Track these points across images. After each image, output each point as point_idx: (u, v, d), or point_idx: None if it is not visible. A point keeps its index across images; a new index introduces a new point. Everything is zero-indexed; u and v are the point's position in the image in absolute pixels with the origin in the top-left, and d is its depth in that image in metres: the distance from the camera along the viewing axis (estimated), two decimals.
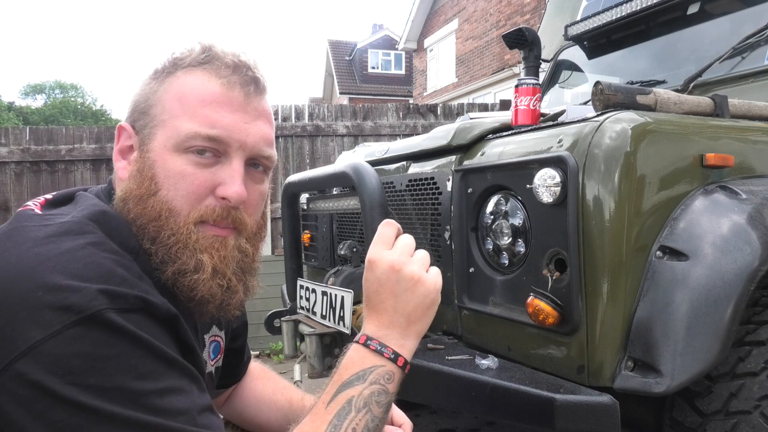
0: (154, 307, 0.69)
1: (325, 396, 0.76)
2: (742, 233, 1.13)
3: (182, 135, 0.78)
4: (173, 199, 0.78)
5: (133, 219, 0.79)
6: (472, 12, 14.19)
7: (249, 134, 0.81)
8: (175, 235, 0.78)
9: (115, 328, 0.64)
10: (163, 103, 0.81)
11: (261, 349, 4.20)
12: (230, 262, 0.82)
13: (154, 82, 0.83)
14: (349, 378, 0.76)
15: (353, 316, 1.53)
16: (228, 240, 0.82)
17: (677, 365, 1.05)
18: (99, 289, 0.64)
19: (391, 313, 0.82)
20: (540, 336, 1.22)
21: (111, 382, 0.62)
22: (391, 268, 0.82)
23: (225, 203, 0.80)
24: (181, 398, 0.67)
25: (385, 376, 0.78)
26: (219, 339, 1.01)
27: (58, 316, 0.62)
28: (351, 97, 24.08)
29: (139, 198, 0.78)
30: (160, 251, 0.78)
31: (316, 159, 5.03)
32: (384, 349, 0.79)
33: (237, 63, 0.82)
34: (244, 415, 1.17)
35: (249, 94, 0.82)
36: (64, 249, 0.67)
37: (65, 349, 0.61)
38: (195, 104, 0.79)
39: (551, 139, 1.25)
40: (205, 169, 0.79)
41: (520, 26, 1.73)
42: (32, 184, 4.63)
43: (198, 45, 0.84)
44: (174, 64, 0.83)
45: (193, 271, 0.78)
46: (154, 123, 0.81)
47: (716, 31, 2.06)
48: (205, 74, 0.81)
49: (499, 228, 1.34)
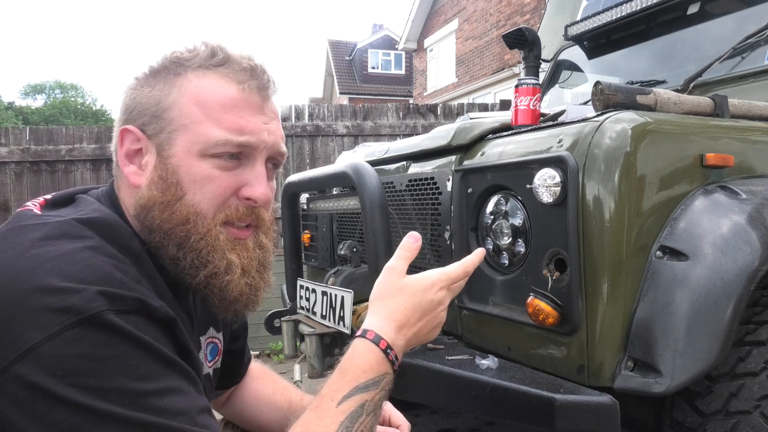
0: (152, 309, 0.69)
1: (334, 393, 0.76)
2: (742, 233, 1.13)
3: (212, 141, 0.79)
4: (200, 203, 0.79)
5: (159, 225, 0.79)
6: (472, 12, 14.19)
7: (270, 135, 0.84)
8: (204, 239, 0.79)
9: (115, 330, 0.64)
10: (180, 106, 0.80)
11: (261, 349, 4.20)
12: (253, 261, 0.85)
13: (161, 83, 0.82)
14: (366, 382, 0.77)
15: (353, 316, 1.52)
16: (248, 242, 0.85)
17: (677, 365, 1.05)
18: (98, 291, 0.64)
19: (413, 327, 0.85)
20: (540, 336, 1.22)
21: (111, 383, 0.62)
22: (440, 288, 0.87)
23: (249, 203, 0.83)
24: (181, 399, 0.67)
25: (390, 382, 0.81)
26: (216, 341, 1.02)
27: (57, 317, 0.62)
28: (351, 97, 24.07)
29: (165, 205, 0.79)
30: (189, 255, 0.79)
31: (316, 159, 5.03)
32: (396, 362, 0.82)
33: (253, 66, 0.84)
34: (244, 416, 1.17)
35: (266, 98, 0.84)
36: (62, 251, 0.67)
37: (65, 351, 0.61)
38: (217, 109, 0.79)
39: (551, 139, 1.25)
40: (229, 171, 0.81)
41: (520, 26, 1.73)
42: (32, 184, 4.64)
43: (202, 45, 0.83)
44: (179, 65, 0.82)
45: (225, 273, 0.80)
46: (173, 127, 0.80)
47: (716, 31, 2.06)
48: (222, 78, 0.81)
49: (499, 228, 1.34)
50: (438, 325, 0.89)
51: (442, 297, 0.87)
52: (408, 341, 0.85)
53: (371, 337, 0.81)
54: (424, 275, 0.88)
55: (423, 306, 0.85)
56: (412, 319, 0.85)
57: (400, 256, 0.89)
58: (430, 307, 0.86)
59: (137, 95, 0.83)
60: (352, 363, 0.79)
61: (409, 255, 0.89)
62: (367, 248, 1.37)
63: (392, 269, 0.87)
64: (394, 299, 0.85)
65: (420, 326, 0.86)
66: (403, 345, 0.84)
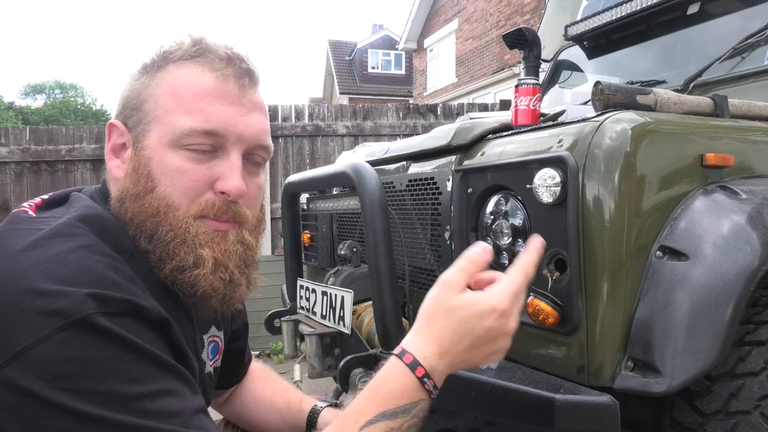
0: (144, 310, 0.68)
1: (359, 415, 0.70)
2: (742, 233, 1.13)
3: (178, 131, 0.76)
4: (171, 195, 0.77)
5: (131, 218, 0.77)
6: (472, 12, 14.19)
7: (246, 126, 0.80)
8: (173, 231, 0.76)
9: (104, 333, 0.63)
10: (156, 98, 0.79)
11: (261, 349, 4.20)
12: (232, 255, 0.81)
13: (145, 76, 0.81)
14: (395, 409, 0.70)
15: (353, 316, 1.53)
16: (228, 234, 0.81)
17: (677, 365, 1.05)
18: (88, 293, 0.63)
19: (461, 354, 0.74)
20: (540, 336, 1.22)
21: (101, 387, 0.61)
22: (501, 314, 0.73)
23: (224, 197, 0.79)
24: (174, 401, 0.66)
25: (425, 409, 0.73)
26: (218, 339, 1.01)
27: (47, 320, 0.61)
28: (351, 97, 24.07)
29: (135, 196, 0.77)
30: (157, 248, 0.76)
31: (316, 159, 5.03)
32: (435, 390, 0.73)
33: (230, 55, 0.81)
34: (243, 416, 1.17)
35: (243, 87, 0.81)
36: (54, 253, 0.66)
37: (54, 354, 0.60)
38: (189, 98, 0.78)
39: (551, 139, 1.25)
40: (202, 164, 0.78)
41: (520, 26, 1.73)
42: (32, 184, 4.64)
43: (188, 38, 0.82)
44: (164, 58, 0.81)
45: (193, 267, 0.77)
46: (148, 119, 0.79)
47: (716, 31, 2.06)
48: (198, 67, 0.79)
49: (499, 228, 1.34)
50: (497, 352, 0.76)
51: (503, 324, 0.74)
52: (454, 366, 0.74)
53: (408, 361, 0.72)
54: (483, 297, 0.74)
55: (476, 333, 0.73)
56: (460, 346, 0.73)
57: (461, 268, 0.76)
58: (487, 335, 0.73)
59: (125, 91, 0.83)
60: (383, 385, 0.72)
61: (472, 268, 0.76)
62: (367, 248, 1.36)
63: (447, 283, 0.75)
64: (442, 321, 0.73)
65: (472, 354, 0.74)
66: (446, 370, 0.74)
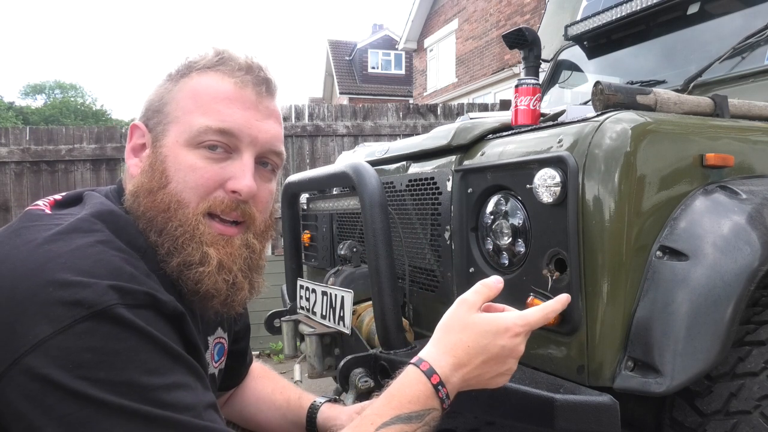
0: (162, 303, 0.70)
1: (375, 417, 0.74)
2: (742, 233, 1.13)
3: (194, 129, 0.80)
4: (182, 191, 0.80)
5: (143, 212, 0.80)
6: (472, 12, 14.19)
7: (261, 131, 0.84)
8: (182, 226, 0.79)
9: (125, 324, 0.64)
10: (177, 101, 0.83)
11: (261, 349, 4.21)
12: (237, 259, 0.83)
13: (169, 83, 0.86)
14: (409, 413, 0.74)
15: (353, 316, 1.53)
16: (234, 239, 0.83)
17: (677, 365, 1.05)
18: (109, 285, 0.65)
19: (474, 369, 0.79)
20: (540, 336, 1.22)
21: (120, 377, 0.63)
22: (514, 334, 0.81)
23: (235, 197, 0.82)
24: (188, 394, 0.68)
25: (436, 418, 0.77)
26: (223, 341, 1.02)
27: (69, 310, 0.62)
28: (351, 97, 24.07)
29: (149, 191, 0.80)
30: (166, 242, 0.79)
31: (316, 159, 5.03)
32: (447, 400, 0.78)
33: (250, 64, 0.85)
34: (244, 414, 1.17)
35: (261, 94, 0.85)
36: (74, 246, 0.68)
37: (75, 344, 0.62)
38: (208, 101, 0.81)
39: (551, 139, 1.25)
40: (215, 163, 0.81)
41: (520, 26, 1.73)
42: (32, 184, 4.63)
43: (212, 49, 0.86)
44: (188, 67, 0.85)
45: (198, 264, 0.79)
46: (168, 120, 0.82)
47: (716, 31, 2.06)
48: (219, 74, 0.83)
49: (499, 228, 1.34)
50: (506, 373, 0.82)
51: (516, 345, 0.81)
52: (466, 381, 0.80)
53: (424, 369, 0.78)
54: (499, 317, 0.82)
55: (490, 349, 0.79)
56: (475, 360, 0.79)
57: (477, 291, 0.84)
58: (500, 353, 0.80)
59: (150, 95, 0.87)
60: (399, 390, 0.76)
61: (487, 293, 0.84)
62: (367, 248, 1.36)
63: (464, 302, 0.83)
64: (458, 334, 0.80)
65: (484, 370, 0.80)
66: (459, 384, 0.79)
